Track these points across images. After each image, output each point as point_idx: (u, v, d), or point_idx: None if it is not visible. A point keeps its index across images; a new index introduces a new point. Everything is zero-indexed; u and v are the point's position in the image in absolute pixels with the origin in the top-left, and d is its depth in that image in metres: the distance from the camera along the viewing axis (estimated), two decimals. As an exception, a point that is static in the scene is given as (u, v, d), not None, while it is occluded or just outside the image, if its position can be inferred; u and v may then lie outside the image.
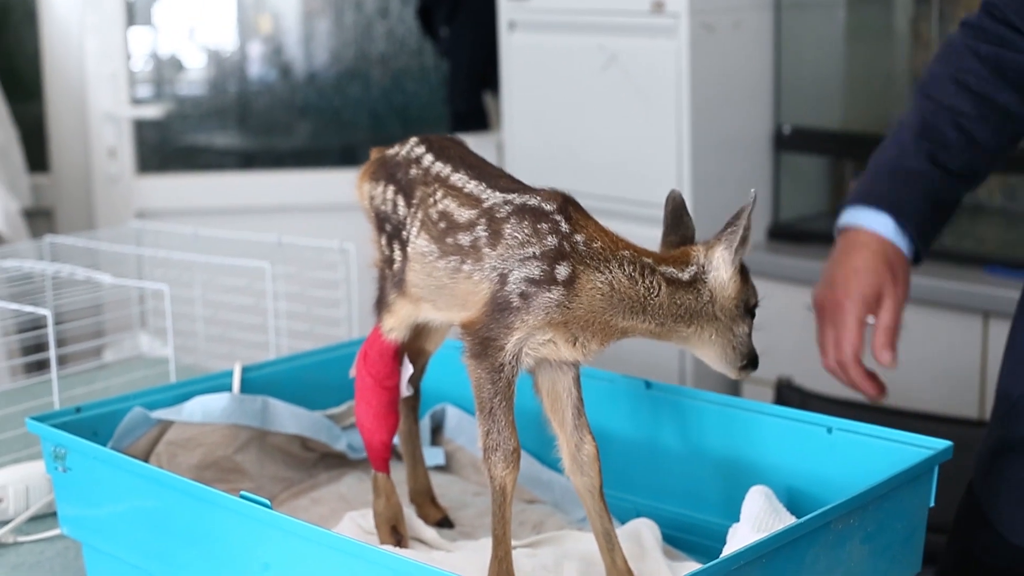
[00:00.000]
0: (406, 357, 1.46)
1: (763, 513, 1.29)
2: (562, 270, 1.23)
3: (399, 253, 1.36)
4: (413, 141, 1.40)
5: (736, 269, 1.27)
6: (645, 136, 3.23)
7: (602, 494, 1.30)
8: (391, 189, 1.38)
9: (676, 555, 1.45)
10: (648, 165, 3.23)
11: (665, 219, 1.34)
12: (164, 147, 4.15)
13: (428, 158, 1.36)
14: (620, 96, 3.26)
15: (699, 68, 3.14)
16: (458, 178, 1.32)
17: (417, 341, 1.47)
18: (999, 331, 2.73)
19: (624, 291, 1.24)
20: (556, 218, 1.25)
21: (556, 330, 1.24)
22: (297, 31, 4.25)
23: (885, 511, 1.25)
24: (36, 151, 3.99)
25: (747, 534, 1.26)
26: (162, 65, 4.19)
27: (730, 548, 1.26)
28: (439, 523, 1.52)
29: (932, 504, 1.32)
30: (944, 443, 1.31)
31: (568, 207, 1.26)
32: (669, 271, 1.26)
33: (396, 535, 1.42)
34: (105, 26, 3.94)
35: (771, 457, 1.42)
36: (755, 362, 1.32)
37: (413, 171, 1.36)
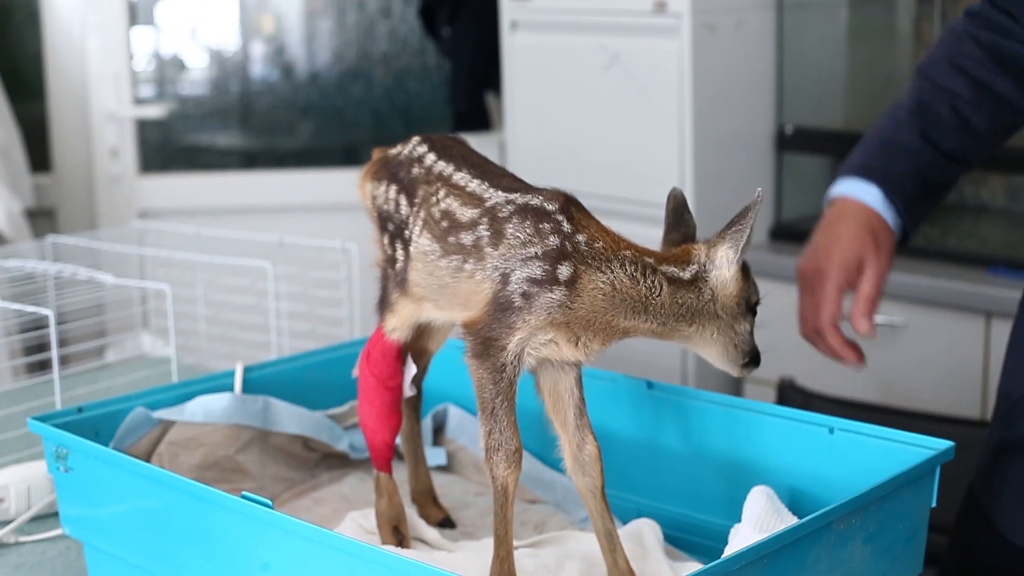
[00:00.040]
0: (409, 357, 1.46)
1: (765, 513, 1.29)
2: (564, 270, 1.22)
3: (401, 252, 1.36)
4: (415, 140, 1.40)
5: (738, 267, 1.27)
6: (647, 136, 3.22)
7: (604, 494, 1.30)
8: (393, 188, 1.38)
9: (678, 555, 1.45)
10: (650, 165, 3.23)
11: (666, 217, 1.34)
12: (166, 147, 4.15)
13: (430, 157, 1.36)
14: (622, 96, 3.26)
15: (701, 68, 3.13)
16: (460, 177, 1.32)
17: (419, 341, 1.47)
18: (1002, 332, 2.72)
19: (626, 291, 1.24)
20: (558, 218, 1.25)
21: (558, 330, 1.24)
22: (299, 31, 4.25)
23: (887, 511, 1.25)
24: (38, 151, 3.98)
25: (749, 534, 1.26)
26: (164, 65, 4.19)
27: (732, 548, 1.25)
28: (441, 523, 1.52)
29: (934, 504, 1.31)
30: (946, 443, 1.30)
31: (570, 207, 1.26)
32: (671, 270, 1.26)
33: (398, 535, 1.42)
34: (107, 26, 3.94)
35: (773, 457, 1.42)
36: (757, 359, 1.32)
37: (415, 170, 1.36)
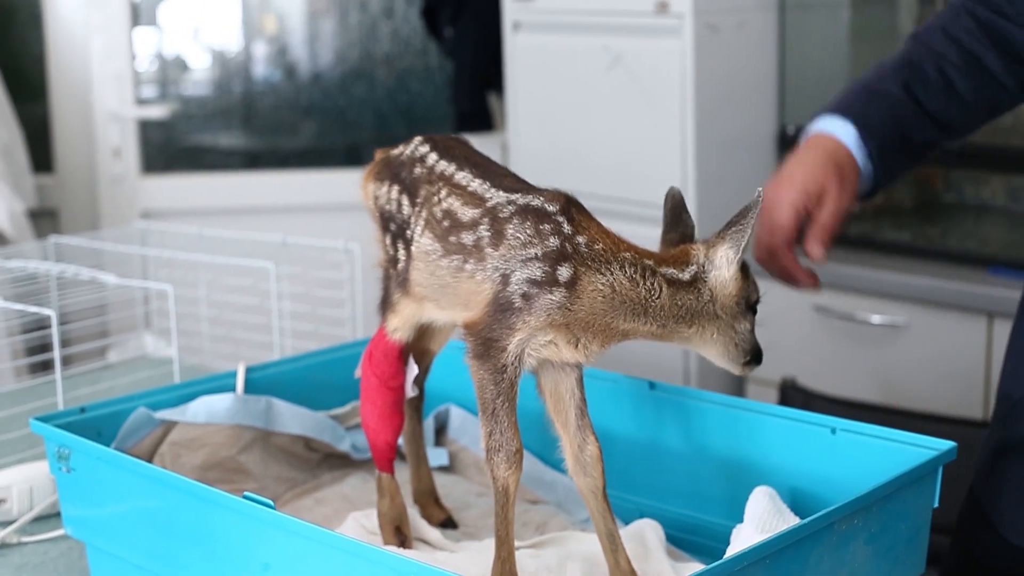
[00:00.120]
0: (411, 357, 1.46)
1: (767, 514, 1.29)
2: (564, 271, 1.22)
3: (403, 252, 1.36)
4: (417, 140, 1.40)
5: (738, 267, 1.27)
6: (649, 136, 3.22)
7: (605, 495, 1.30)
8: (395, 188, 1.38)
9: (680, 556, 1.45)
10: (652, 165, 3.23)
11: (664, 217, 1.33)
12: (169, 147, 4.15)
13: (432, 157, 1.36)
14: (624, 96, 3.26)
15: (703, 68, 3.13)
16: (462, 176, 1.32)
17: (421, 341, 1.47)
18: (1003, 332, 2.72)
19: (625, 293, 1.24)
20: (559, 219, 1.25)
21: (557, 331, 1.24)
22: (302, 31, 4.25)
23: (889, 512, 1.25)
24: (41, 151, 3.99)
25: (751, 535, 1.26)
26: (167, 65, 4.20)
27: (734, 549, 1.25)
28: (443, 524, 1.52)
29: (936, 505, 1.31)
30: (948, 444, 1.30)
31: (571, 208, 1.26)
32: (670, 272, 1.26)
33: (400, 536, 1.42)
34: (110, 26, 3.94)
35: (775, 458, 1.42)
36: (759, 357, 1.31)
37: (417, 170, 1.36)
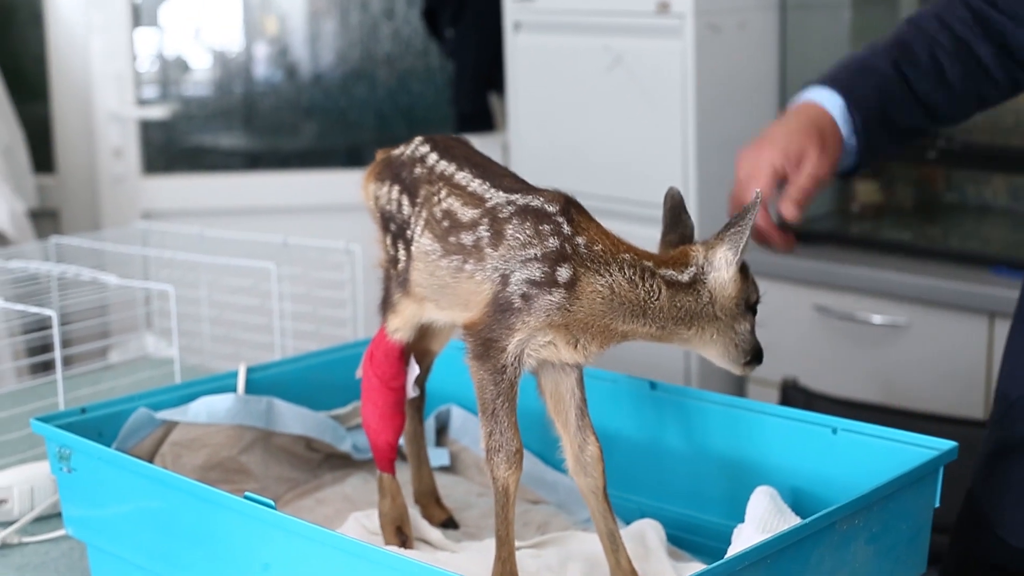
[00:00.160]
0: (412, 358, 1.46)
1: (768, 514, 1.29)
2: (563, 272, 1.22)
3: (403, 253, 1.36)
4: (418, 140, 1.40)
5: (737, 269, 1.27)
6: (650, 137, 3.22)
7: (606, 495, 1.30)
8: (396, 188, 1.38)
9: (681, 556, 1.45)
10: (653, 166, 3.22)
11: (664, 217, 1.33)
12: (170, 148, 4.15)
13: (433, 157, 1.36)
14: (625, 97, 3.26)
15: (704, 69, 3.13)
16: (462, 176, 1.32)
17: (422, 342, 1.47)
18: (1004, 332, 2.71)
19: (624, 295, 1.24)
20: (558, 220, 1.25)
21: (557, 332, 1.24)
22: (303, 32, 4.25)
23: (890, 512, 1.25)
24: (42, 152, 3.99)
25: (752, 535, 1.26)
26: (168, 66, 4.20)
27: (735, 549, 1.25)
28: (444, 524, 1.52)
29: (937, 505, 1.31)
30: (949, 444, 1.30)
31: (570, 209, 1.26)
32: (669, 273, 1.25)
33: (401, 536, 1.42)
34: (111, 26, 3.94)
35: (776, 458, 1.42)
36: (759, 356, 1.31)
37: (418, 170, 1.36)
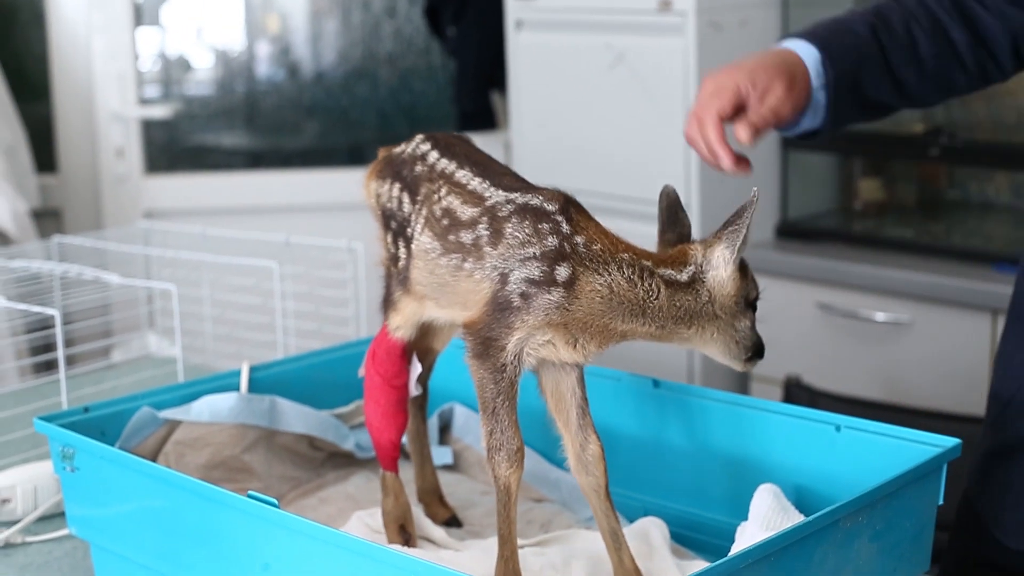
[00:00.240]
0: (415, 356, 1.46)
1: (771, 511, 1.29)
2: (562, 271, 1.22)
3: (404, 251, 1.36)
4: (419, 138, 1.40)
5: (735, 267, 1.26)
6: (652, 134, 3.22)
7: (608, 493, 1.30)
8: (397, 186, 1.38)
9: (684, 553, 1.44)
10: (655, 163, 3.22)
11: (660, 216, 1.33)
12: (172, 147, 4.15)
13: (433, 155, 1.36)
14: (627, 95, 3.26)
15: (706, 66, 3.13)
16: (462, 175, 1.32)
17: (425, 340, 1.47)
18: (1008, 329, 2.72)
19: (623, 294, 1.23)
20: (557, 219, 1.24)
21: (555, 331, 1.24)
22: (305, 31, 4.25)
23: (894, 509, 1.25)
24: (44, 151, 3.99)
25: (755, 532, 1.26)
26: (170, 65, 4.20)
27: (738, 546, 1.25)
28: (447, 522, 1.52)
29: (941, 502, 1.31)
30: (953, 441, 1.30)
31: (569, 208, 1.25)
32: (668, 273, 1.25)
33: (404, 534, 1.42)
34: (113, 26, 3.94)
35: (779, 455, 1.42)
36: (760, 352, 1.31)
37: (418, 168, 1.36)
